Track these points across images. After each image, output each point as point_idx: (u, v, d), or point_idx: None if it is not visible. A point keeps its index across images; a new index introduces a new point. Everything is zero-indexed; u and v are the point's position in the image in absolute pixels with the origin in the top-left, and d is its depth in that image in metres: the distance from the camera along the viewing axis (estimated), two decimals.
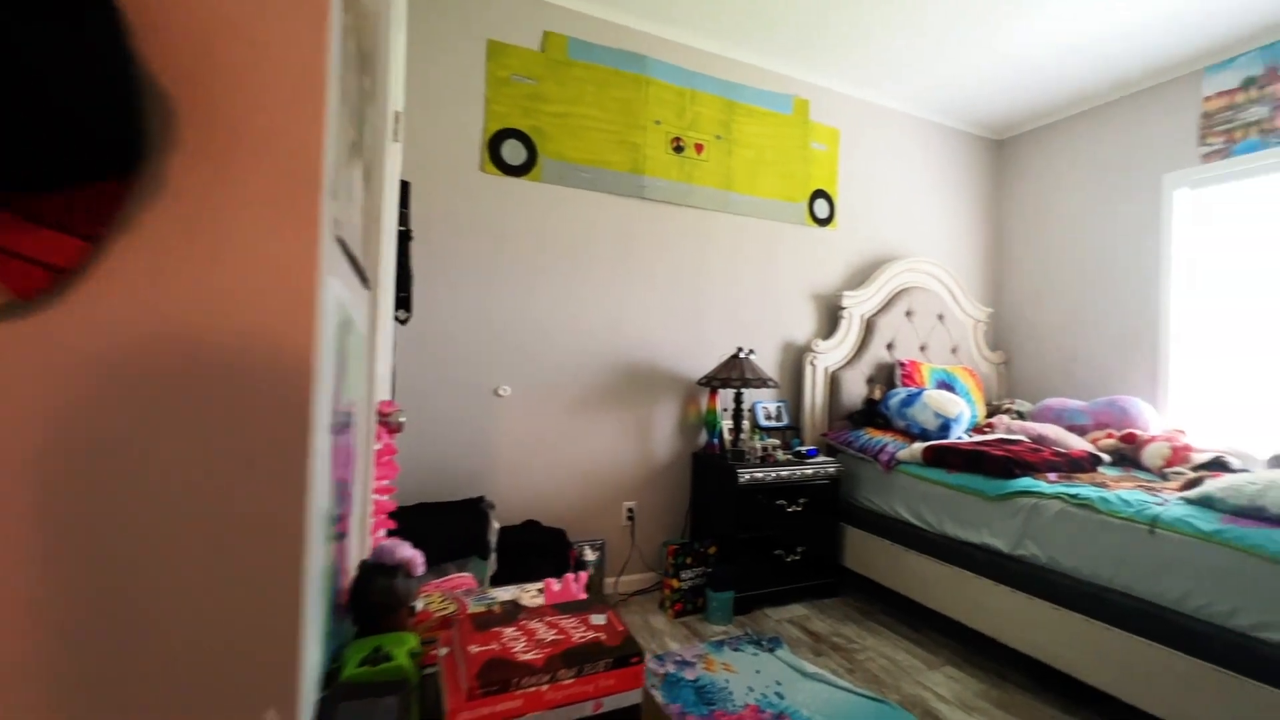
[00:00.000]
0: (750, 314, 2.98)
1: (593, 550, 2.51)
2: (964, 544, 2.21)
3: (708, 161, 2.85)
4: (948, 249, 3.61)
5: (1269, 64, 2.60)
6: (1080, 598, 1.82)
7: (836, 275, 3.22)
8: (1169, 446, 2.44)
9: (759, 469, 2.50)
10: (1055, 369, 3.40)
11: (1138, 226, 3.05)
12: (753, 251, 2.99)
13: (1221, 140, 2.75)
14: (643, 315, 2.73)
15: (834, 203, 3.20)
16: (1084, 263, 3.29)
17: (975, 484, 2.21)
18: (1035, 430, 2.79)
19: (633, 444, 2.71)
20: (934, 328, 3.33)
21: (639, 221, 2.72)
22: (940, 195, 3.59)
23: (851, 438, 2.82)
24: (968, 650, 2.20)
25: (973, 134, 3.71)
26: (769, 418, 2.96)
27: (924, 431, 2.66)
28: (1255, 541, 1.50)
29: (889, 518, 2.56)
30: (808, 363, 3.01)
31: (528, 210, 2.50)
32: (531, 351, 2.50)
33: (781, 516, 2.55)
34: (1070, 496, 1.93)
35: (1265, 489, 1.59)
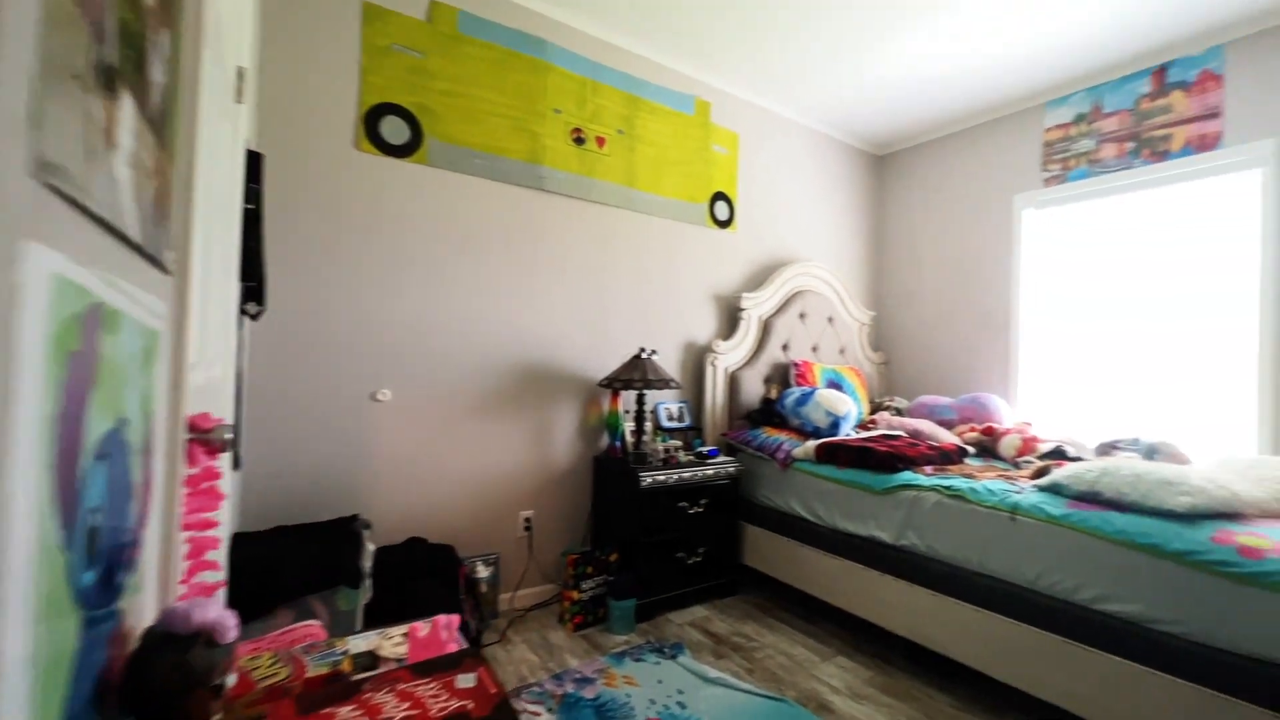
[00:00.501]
0: (653, 314, 2.94)
1: (486, 566, 2.33)
2: (853, 537, 2.31)
3: (610, 156, 2.76)
4: (836, 255, 3.81)
5: (1095, 103, 2.99)
6: (954, 582, 1.96)
7: (736, 277, 3.28)
8: (1020, 438, 2.71)
9: (661, 471, 2.45)
10: (928, 368, 3.71)
11: (994, 241, 3.40)
12: (655, 251, 2.95)
13: (1059, 167, 3.13)
14: (542, 313, 2.59)
15: (734, 205, 3.25)
16: (950, 272, 3.62)
17: (863, 479, 2.32)
18: (911, 425, 3.00)
19: (531, 450, 2.56)
20: (824, 330, 3.50)
21: (538, 214, 2.57)
22: (829, 203, 3.78)
23: (750, 437, 2.87)
24: (857, 639, 2.30)
25: (857, 148, 3.95)
26: (671, 419, 2.94)
27: (816, 429, 2.76)
28: (1094, 524, 1.68)
29: (785, 514, 2.62)
30: (709, 363, 3.03)
31: (412, 195, 2.26)
32: (416, 351, 2.27)
33: (683, 518, 2.53)
34: (945, 488, 2.06)
35: (1100, 476, 1.79)
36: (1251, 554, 1.42)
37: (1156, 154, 2.77)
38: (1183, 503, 1.59)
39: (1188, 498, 1.60)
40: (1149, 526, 1.59)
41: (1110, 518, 1.67)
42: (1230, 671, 1.40)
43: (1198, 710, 1.43)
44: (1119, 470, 1.77)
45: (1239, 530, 1.52)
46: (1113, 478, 1.75)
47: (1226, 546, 1.45)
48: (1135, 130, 2.85)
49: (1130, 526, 1.62)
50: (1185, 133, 2.68)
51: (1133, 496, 1.68)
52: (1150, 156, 2.79)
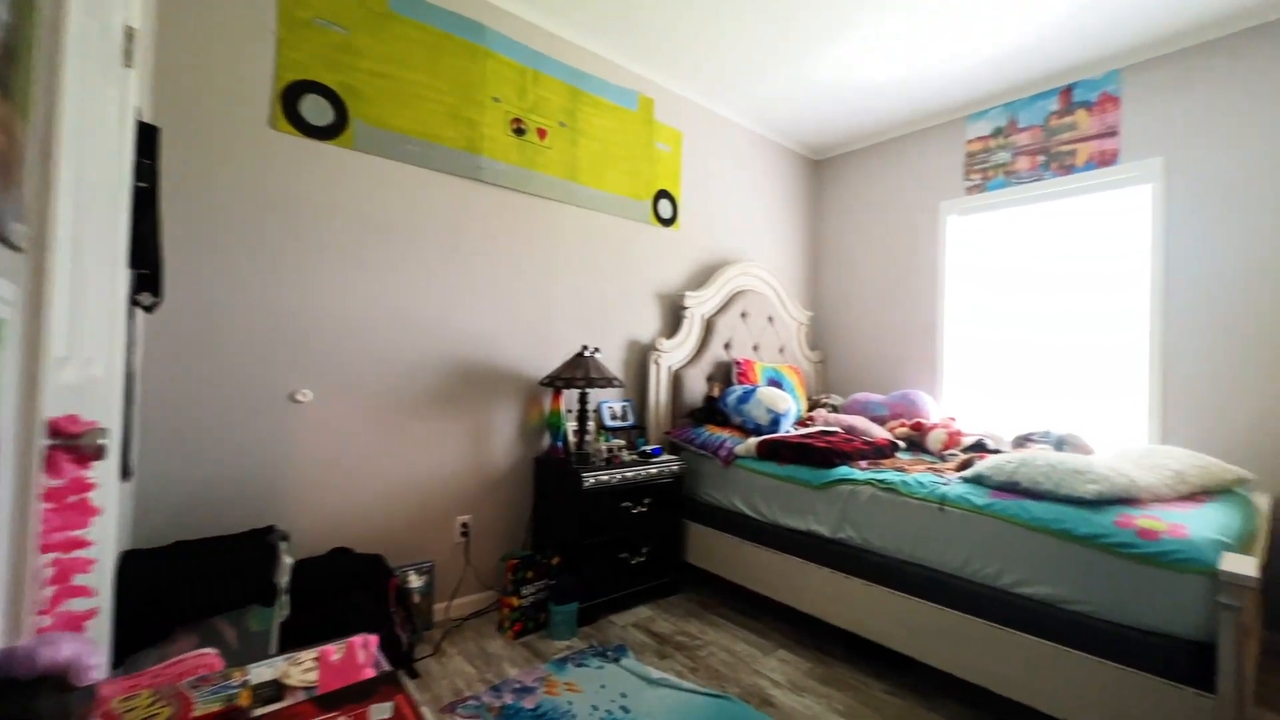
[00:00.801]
0: (597, 311, 2.89)
1: (419, 575, 2.21)
2: (793, 531, 2.35)
3: (551, 149, 2.69)
4: (775, 256, 3.89)
5: (1010, 118, 3.20)
6: (887, 573, 2.02)
7: (679, 275, 3.28)
8: (945, 433, 2.86)
9: (604, 471, 2.41)
10: (862, 366, 3.85)
11: (922, 246, 3.57)
12: (599, 247, 2.90)
13: (979, 177, 3.32)
14: (480, 309, 2.48)
15: (677, 204, 3.25)
16: (882, 275, 3.77)
17: (802, 474, 2.36)
18: (847, 421, 3.10)
19: (468, 452, 2.45)
20: (765, 329, 3.56)
21: (477, 206, 2.47)
22: (769, 205, 3.85)
23: (693, 435, 2.87)
24: (798, 632, 2.34)
25: (796, 152, 4.05)
26: (615, 418, 2.90)
27: (758, 427, 2.80)
28: (1013, 512, 1.78)
29: (728, 511, 2.64)
30: (652, 361, 3.01)
31: (337, 181, 2.11)
32: (341, 348, 2.12)
33: (627, 518, 2.49)
34: (879, 482, 2.13)
35: (1019, 467, 1.90)
36: (1149, 535, 1.54)
37: (1064, 167, 2.99)
38: (1091, 490, 1.71)
39: (1095, 485, 1.72)
40: (1061, 513, 1.70)
41: (1027, 506, 1.77)
42: (1132, 645, 1.51)
43: (1104, 683, 1.53)
44: (1035, 461, 1.88)
45: (1137, 514, 1.64)
46: (1029, 468, 1.86)
47: (1128, 530, 1.57)
48: (1045, 145, 3.06)
49: (1045, 513, 1.72)
50: (1088, 149, 2.91)
51: (1047, 485, 1.79)
52: (1058, 170, 3.01)
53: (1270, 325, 2.41)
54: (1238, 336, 2.48)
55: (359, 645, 0.69)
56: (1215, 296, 2.54)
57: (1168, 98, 2.68)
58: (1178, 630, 1.45)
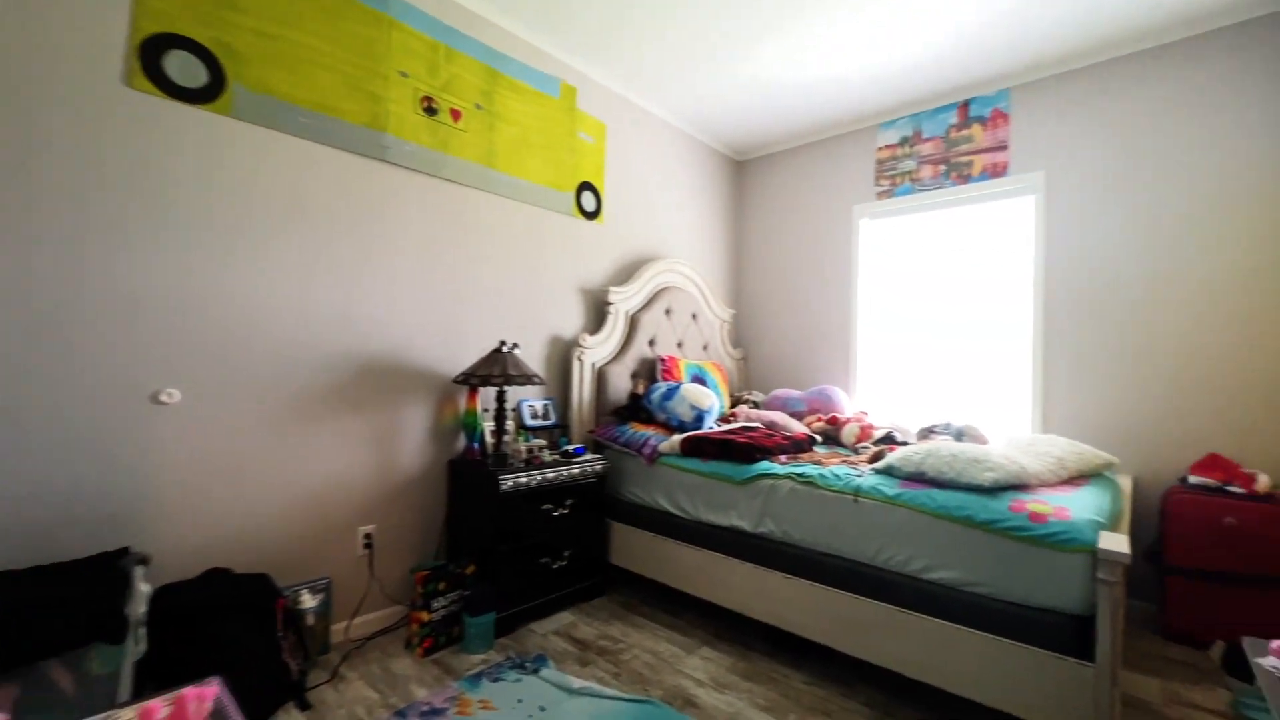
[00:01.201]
0: (516, 305, 2.76)
1: (313, 594, 2.00)
2: (716, 528, 2.35)
3: (466, 132, 2.53)
4: (699, 254, 3.92)
5: (916, 128, 3.39)
6: (806, 565, 2.06)
7: (603, 270, 3.21)
8: (858, 426, 2.98)
9: (523, 473, 2.29)
10: (782, 363, 3.96)
11: (837, 247, 3.72)
12: (519, 238, 2.77)
13: (888, 183, 3.50)
14: (387, 301, 2.29)
15: (601, 197, 3.18)
16: (801, 274, 3.89)
17: (725, 470, 2.37)
18: (767, 417, 3.16)
19: (373, 456, 2.25)
20: (689, 326, 3.57)
21: (382, 188, 2.27)
22: (694, 203, 3.87)
23: (617, 433, 2.81)
24: (720, 629, 2.34)
25: (720, 152, 4.10)
26: (535, 417, 2.78)
27: (681, 423, 2.78)
28: (921, 501, 1.85)
29: (651, 509, 2.60)
30: (575, 358, 2.92)
31: (214, 152, 1.86)
32: (218, 342, 1.87)
33: (548, 521, 2.39)
34: (798, 476, 2.17)
35: (925, 457, 1.99)
36: (1038, 519, 1.64)
37: (961, 177, 3.21)
38: (988, 478, 1.81)
39: (991, 473, 1.83)
40: (963, 500, 1.79)
41: (933, 494, 1.86)
42: (1024, 622, 1.61)
43: (1000, 659, 1.63)
44: (939, 452, 1.98)
45: (1028, 499, 1.76)
46: (935, 459, 1.96)
47: (1020, 514, 1.67)
48: (946, 155, 3.27)
49: (949, 501, 1.81)
50: (983, 160, 3.14)
51: (950, 474, 1.89)
52: (957, 179, 3.22)
53: (1130, 325, 2.69)
54: (1103, 336, 2.76)
55: (192, 699, 0.57)
56: (1085, 299, 2.81)
57: (1050, 116, 2.93)
58: (1063, 605, 1.56)
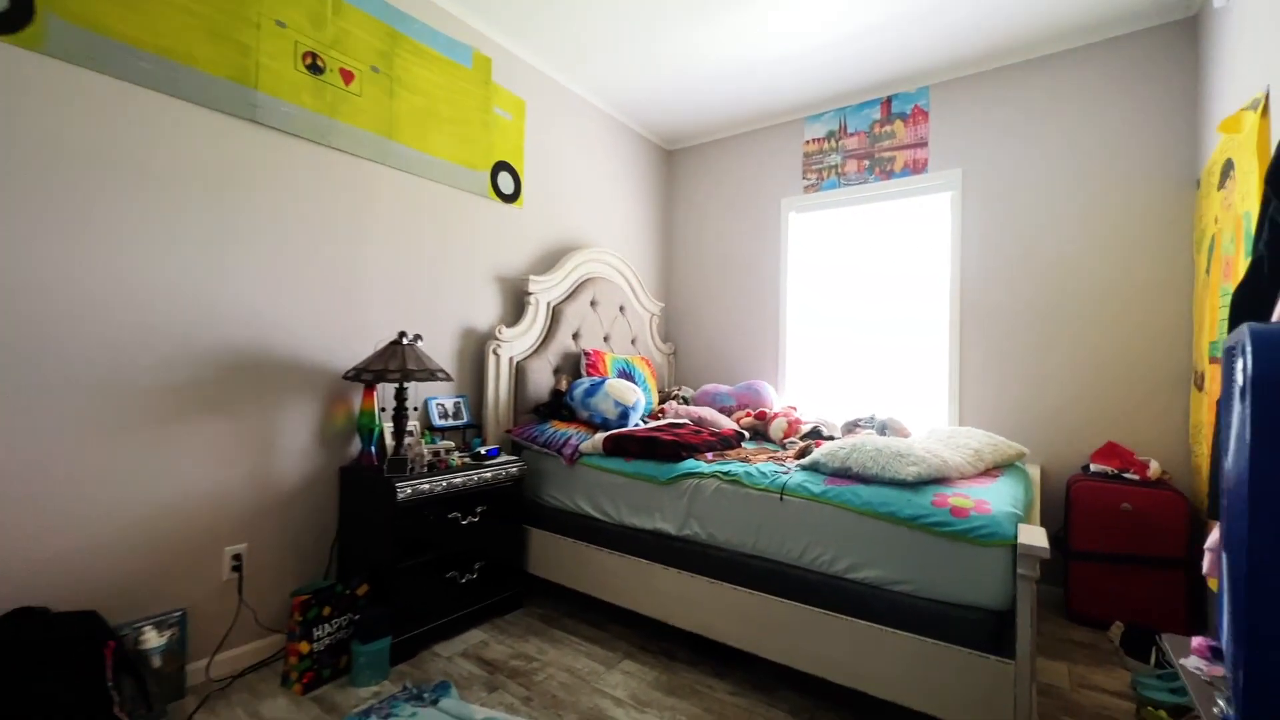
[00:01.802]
0: (422, 293, 2.49)
1: (160, 631, 1.68)
2: (639, 531, 2.21)
3: (361, 96, 2.25)
4: (628, 244, 3.77)
5: (841, 122, 3.39)
6: (731, 567, 1.96)
7: (523, 258, 2.99)
8: (786, 421, 2.93)
9: (425, 479, 2.06)
10: (712, 358, 3.89)
11: (766, 240, 3.68)
12: (425, 219, 2.50)
13: (815, 177, 3.49)
14: (261, 285, 1.98)
15: (520, 180, 2.96)
16: (730, 267, 3.83)
17: (649, 470, 2.23)
18: (696, 413, 3.07)
19: (244, 465, 1.94)
20: (616, 319, 3.41)
21: (253, 153, 1.96)
22: (622, 192, 3.71)
23: (536, 432, 2.62)
24: (644, 638, 2.20)
25: (650, 140, 3.96)
26: (445, 416, 2.54)
27: (605, 421, 2.62)
28: (846, 498, 1.79)
29: (572, 514, 2.43)
30: (491, 352, 2.69)
31: (11, 96, 1.50)
32: (34, 333, 1.52)
33: (455, 531, 2.16)
34: (723, 474, 2.06)
35: (850, 453, 1.93)
36: (960, 513, 1.61)
37: (884, 172, 3.23)
38: (912, 472, 1.77)
39: (915, 467, 1.79)
40: (887, 496, 1.74)
41: (858, 490, 1.80)
42: (946, 621, 1.56)
43: (923, 659, 1.58)
44: (864, 447, 1.92)
45: (950, 493, 1.73)
46: (860, 454, 1.90)
47: (943, 509, 1.64)
48: (870, 150, 3.29)
49: (873, 497, 1.75)
50: (904, 156, 3.17)
51: (874, 470, 1.84)
52: (880, 174, 3.25)
53: (1036, 320, 2.79)
54: (1013, 330, 2.85)
55: None
56: (995, 295, 2.89)
57: (967, 115, 2.99)
58: (983, 601, 1.53)
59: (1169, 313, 2.49)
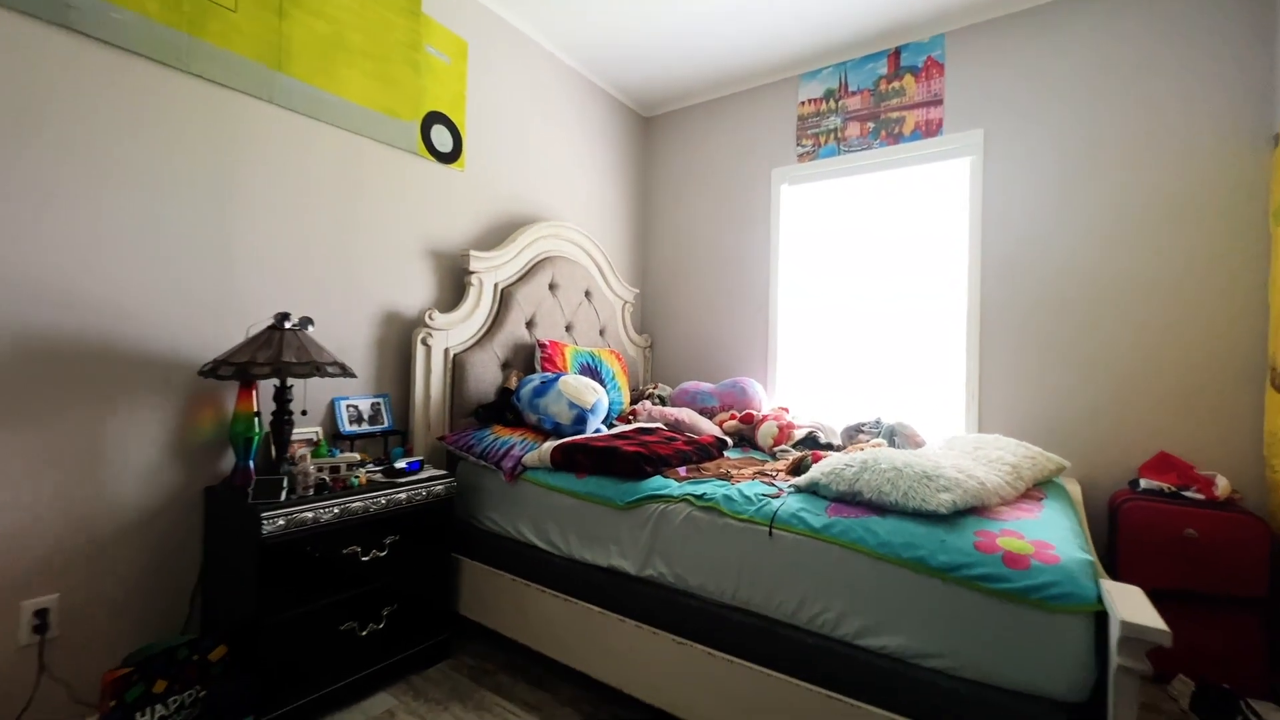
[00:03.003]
0: (325, 267, 2.01)
1: None
2: (592, 569, 1.75)
3: (236, 13, 1.75)
4: (598, 222, 3.29)
5: (841, 79, 2.94)
6: (703, 621, 1.50)
7: (464, 230, 2.51)
8: (776, 425, 2.49)
9: (310, 504, 1.58)
10: (693, 351, 3.43)
11: (754, 218, 3.22)
12: (330, 174, 2.02)
13: (811, 143, 3.03)
14: (89, 254, 1.49)
15: (461, 136, 2.47)
16: (715, 248, 3.37)
17: (605, 490, 1.77)
18: (672, 415, 2.62)
19: (54, 490, 1.45)
20: (581, 305, 2.94)
21: (65, 74, 1.46)
22: (592, 160, 3.24)
23: (474, 440, 2.14)
24: (596, 703, 1.74)
25: (625, 104, 3.49)
26: (358, 421, 2.06)
27: (558, 426, 2.16)
28: (857, 535, 1.34)
29: (514, 542, 1.97)
30: (419, 341, 2.21)
31: None
32: None
33: (354, 570, 1.69)
34: (696, 498, 1.61)
35: (860, 472, 1.48)
36: (1016, 563, 1.16)
37: (892, 136, 2.78)
38: (944, 501, 1.33)
39: (947, 494, 1.34)
40: (913, 534, 1.29)
41: (872, 525, 1.35)
42: (995, 713, 1.12)
43: None
44: (877, 464, 1.48)
45: (996, 529, 1.28)
46: (872, 474, 1.45)
47: (992, 555, 1.19)
48: (875, 111, 2.84)
49: (894, 536, 1.30)
50: (915, 117, 2.72)
51: (894, 496, 1.39)
52: (887, 138, 2.80)
53: (1073, 306, 2.35)
54: (1044, 319, 2.41)
55: None
56: (1023, 277, 2.45)
57: (989, 67, 2.54)
58: (1050, 689, 1.09)
59: (1239, 297, 2.06)
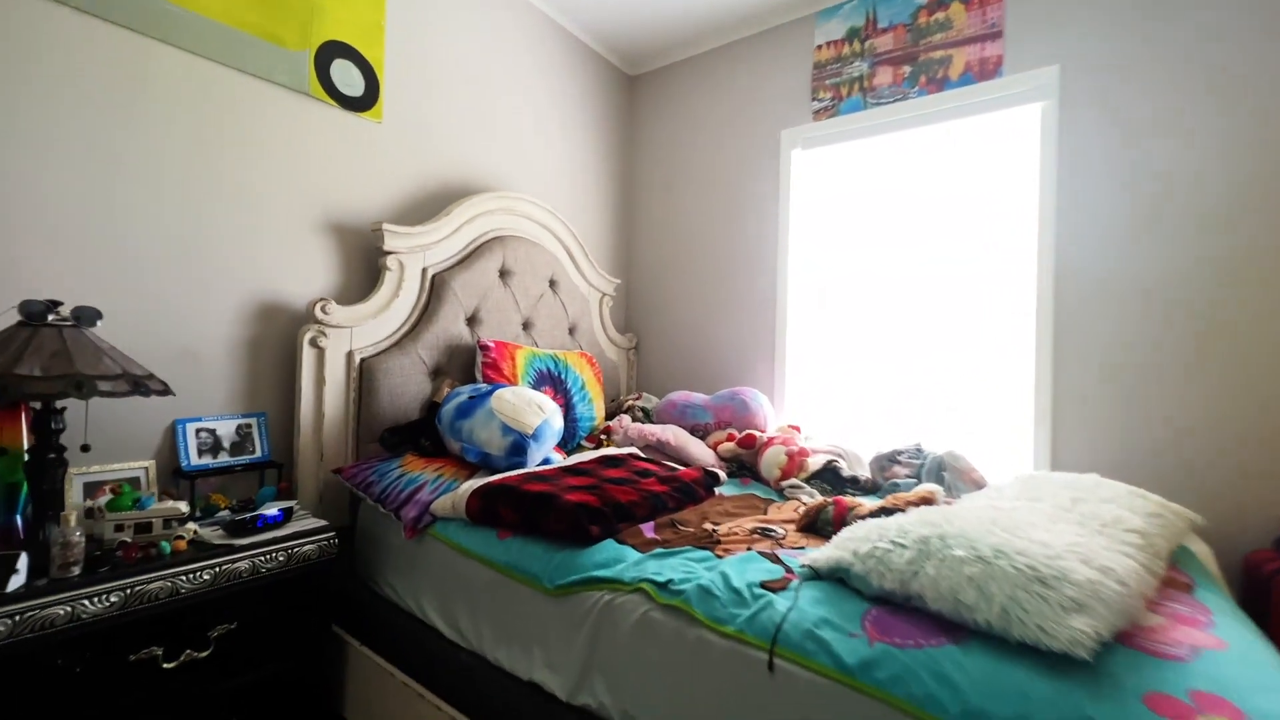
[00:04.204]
0: (162, 239, 1.46)
1: None
2: (508, 680, 1.18)
3: None
4: (568, 197, 2.73)
5: (869, 13, 2.34)
6: None
7: (381, 199, 1.95)
8: (784, 452, 1.91)
9: (67, 595, 1.03)
10: (685, 354, 2.85)
11: (760, 192, 2.63)
12: (172, 114, 1.47)
13: (830, 96, 2.44)
14: None
15: (378, 77, 1.92)
16: (711, 230, 2.79)
17: (531, 560, 1.21)
18: (655, 435, 2.06)
19: None
20: (543, 297, 2.38)
21: None
22: (561, 124, 2.67)
23: (374, 476, 1.59)
24: None
25: (606, 59, 2.92)
26: (212, 450, 1.51)
27: (486, 458, 1.60)
28: (923, 692, 0.76)
29: (413, 622, 1.41)
30: (307, 342, 1.66)
31: None
32: None
33: (152, 683, 1.14)
34: (657, 587, 1.04)
35: (919, 559, 0.90)
36: None
37: (934, 82, 2.18)
38: (1080, 632, 0.74)
39: (1083, 617, 0.76)
40: (1029, 694, 0.71)
41: (947, 669, 0.77)
42: None
43: None
44: (947, 548, 0.90)
45: (1180, 689, 0.71)
46: (941, 565, 0.88)
47: None
48: (912, 50, 2.24)
49: (993, 699, 0.72)
50: (965, 55, 2.12)
51: (984, 612, 0.81)
52: (927, 84, 2.20)
53: (1185, 301, 1.75)
54: (1143, 318, 1.81)
55: None
56: (1118, 256, 1.85)
57: None
58: None
59: None
